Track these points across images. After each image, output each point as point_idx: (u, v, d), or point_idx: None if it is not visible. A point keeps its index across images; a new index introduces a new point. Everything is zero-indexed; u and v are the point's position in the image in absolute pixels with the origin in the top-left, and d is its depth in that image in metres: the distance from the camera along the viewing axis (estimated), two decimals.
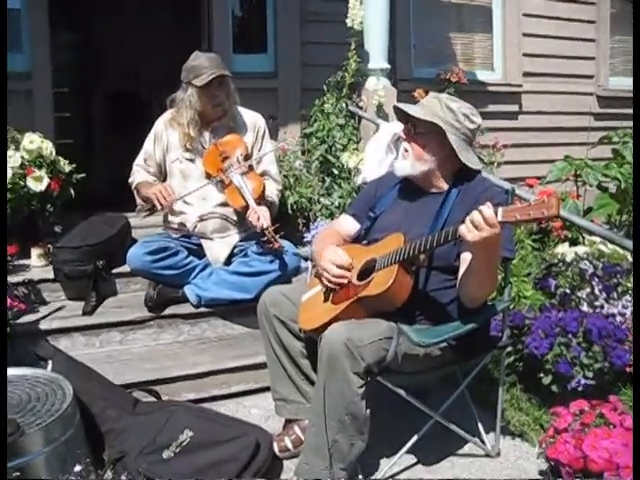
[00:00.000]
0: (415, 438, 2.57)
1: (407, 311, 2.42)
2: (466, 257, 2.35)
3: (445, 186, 2.57)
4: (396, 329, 2.37)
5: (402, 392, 2.48)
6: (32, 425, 2.33)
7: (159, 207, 3.42)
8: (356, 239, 2.74)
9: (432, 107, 2.51)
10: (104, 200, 4.73)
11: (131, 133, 6.94)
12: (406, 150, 2.56)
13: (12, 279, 3.49)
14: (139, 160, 3.71)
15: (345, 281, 2.50)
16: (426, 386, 2.87)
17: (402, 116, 2.60)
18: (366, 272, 2.46)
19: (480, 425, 2.81)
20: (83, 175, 4.12)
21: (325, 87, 4.55)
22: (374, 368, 2.33)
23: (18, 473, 2.21)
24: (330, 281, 2.54)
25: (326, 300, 2.56)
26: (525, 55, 6.18)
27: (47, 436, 2.34)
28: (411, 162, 2.54)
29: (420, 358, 2.45)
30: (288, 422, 2.82)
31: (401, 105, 2.56)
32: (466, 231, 2.13)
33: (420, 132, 2.52)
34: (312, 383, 2.69)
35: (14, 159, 3.79)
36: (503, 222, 2.10)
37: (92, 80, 7.20)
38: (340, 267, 2.51)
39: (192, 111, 3.52)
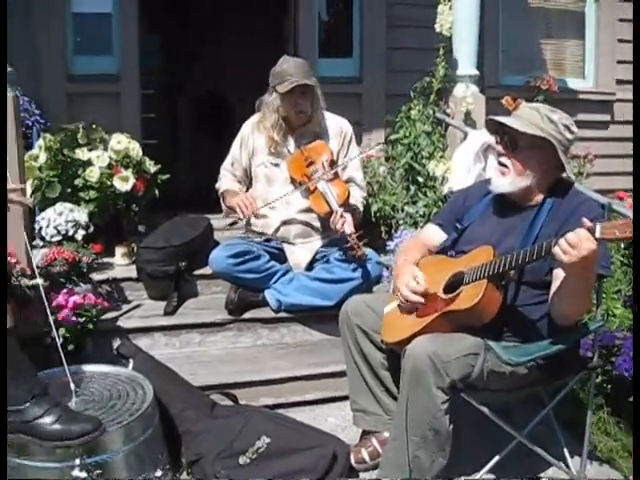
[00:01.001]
0: (497, 458, 2.48)
1: (494, 327, 2.34)
2: (559, 273, 2.24)
3: (539, 199, 2.46)
4: (483, 345, 2.29)
5: (486, 410, 2.41)
6: (113, 423, 2.36)
7: (242, 216, 3.45)
8: (442, 250, 2.66)
9: (532, 119, 2.39)
10: (187, 201, 4.80)
11: (216, 135, 7.07)
12: (505, 165, 2.45)
13: (96, 277, 3.56)
14: (226, 164, 3.73)
15: (419, 305, 2.45)
16: (509, 404, 2.78)
17: (494, 128, 2.52)
18: (453, 285, 2.39)
19: (565, 448, 2.69)
20: (168, 176, 4.17)
21: (412, 93, 4.48)
22: (459, 384, 2.26)
23: (100, 471, 2.23)
24: (404, 302, 2.49)
25: (410, 313, 2.49)
26: (619, 62, 5.96)
27: (127, 435, 2.37)
28: (511, 179, 2.44)
29: (506, 376, 2.36)
30: (365, 433, 2.77)
31: (501, 119, 2.44)
32: (561, 253, 2.04)
33: (522, 146, 2.42)
34: (392, 396, 2.64)
35: (102, 159, 3.87)
36: (601, 239, 2.00)
37: (178, 82, 7.33)
38: (414, 293, 2.45)
39: (276, 115, 3.52)
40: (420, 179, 4.26)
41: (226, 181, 3.71)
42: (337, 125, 3.67)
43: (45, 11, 4.76)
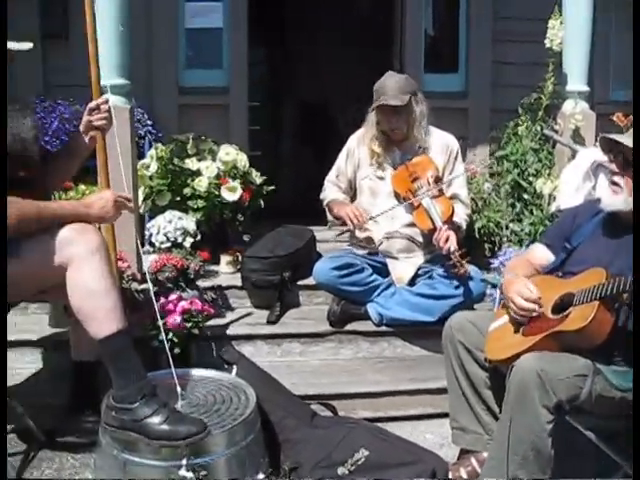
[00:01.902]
0: None
1: (605, 350, 2.29)
2: None
3: None
4: (592, 368, 2.24)
5: (592, 435, 2.34)
6: (216, 427, 2.41)
7: (351, 227, 3.46)
8: (550, 271, 2.62)
9: None
10: (288, 211, 4.86)
11: (318, 147, 7.14)
12: (617, 184, 2.40)
13: (203, 284, 3.64)
14: (331, 176, 3.77)
15: (534, 314, 2.41)
16: (616, 431, 2.68)
17: (607, 146, 2.46)
18: (562, 306, 2.34)
19: None
20: (273, 187, 4.25)
21: (519, 109, 4.41)
22: (565, 405, 2.22)
23: (205, 472, 2.30)
24: (516, 313, 2.45)
25: (516, 332, 2.46)
26: None
27: (230, 439, 2.42)
28: (624, 197, 2.38)
29: (615, 401, 2.29)
30: (464, 452, 2.74)
31: (616, 136, 2.40)
32: None
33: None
34: (493, 415, 2.61)
35: (211, 169, 3.98)
36: None
37: (282, 94, 7.45)
38: (528, 301, 2.41)
39: (375, 129, 3.56)
40: (526, 196, 4.16)
41: (331, 192, 3.73)
42: (443, 141, 3.65)
43: (161, 27, 4.96)
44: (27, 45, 2.58)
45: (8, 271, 2.36)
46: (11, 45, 2.55)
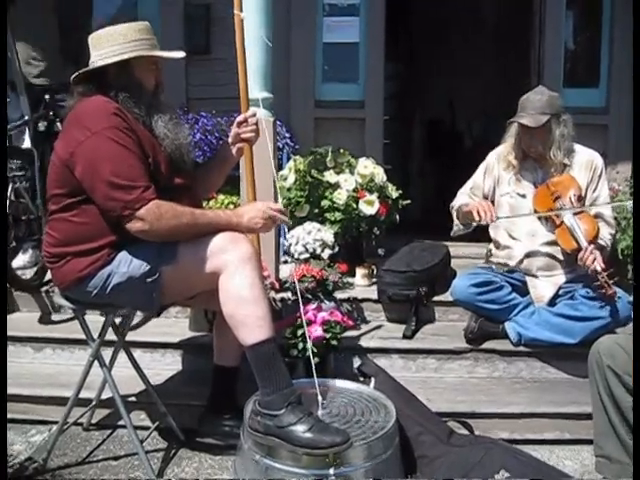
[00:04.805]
0: None
1: None
2: None
3: None
4: None
5: None
6: (357, 438, 2.41)
7: (477, 218, 3.37)
8: None
9: None
10: (418, 226, 4.88)
11: (444, 161, 7.13)
12: None
13: (339, 295, 3.69)
14: (464, 188, 3.73)
15: None
16: None
17: None
18: None
19: None
20: (408, 201, 4.26)
21: None
22: None
23: None
24: None
25: None
26: None
27: (369, 452, 2.42)
28: None
29: None
30: None
31: None
32: None
33: None
34: None
35: (349, 182, 4.03)
36: None
37: (412, 109, 7.47)
38: None
39: (516, 144, 3.52)
40: None
41: (461, 199, 3.69)
42: (587, 158, 3.54)
43: (299, 41, 5.08)
44: (180, 54, 2.68)
45: (166, 276, 2.48)
46: (164, 53, 2.66)
